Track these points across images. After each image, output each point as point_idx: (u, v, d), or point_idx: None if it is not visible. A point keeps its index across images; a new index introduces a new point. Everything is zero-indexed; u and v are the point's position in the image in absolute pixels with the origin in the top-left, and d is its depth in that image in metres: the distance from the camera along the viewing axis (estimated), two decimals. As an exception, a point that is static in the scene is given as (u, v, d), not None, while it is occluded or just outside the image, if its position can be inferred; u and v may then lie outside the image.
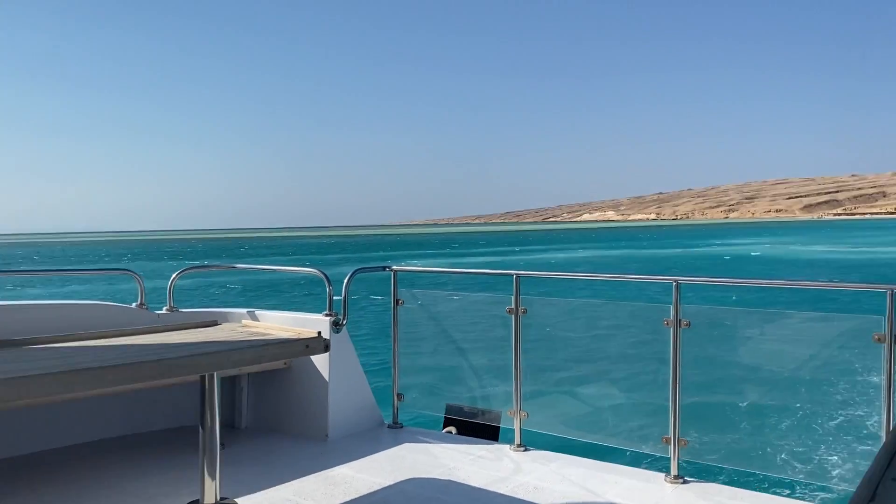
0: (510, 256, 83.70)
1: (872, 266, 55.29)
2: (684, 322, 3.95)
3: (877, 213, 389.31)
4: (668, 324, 3.96)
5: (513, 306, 4.55)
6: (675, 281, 3.97)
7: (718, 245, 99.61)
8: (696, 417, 4.11)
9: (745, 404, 4.51)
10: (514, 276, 4.57)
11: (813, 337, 4.28)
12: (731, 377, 4.63)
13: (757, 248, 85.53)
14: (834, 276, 47.21)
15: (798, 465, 4.46)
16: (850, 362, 4.02)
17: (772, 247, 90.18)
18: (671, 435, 3.97)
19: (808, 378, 4.35)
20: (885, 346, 3.46)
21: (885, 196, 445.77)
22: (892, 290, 3.52)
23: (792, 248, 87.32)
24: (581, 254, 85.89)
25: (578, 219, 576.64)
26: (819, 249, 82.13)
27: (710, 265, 62.58)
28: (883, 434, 3.54)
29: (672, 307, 3.94)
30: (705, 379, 4.31)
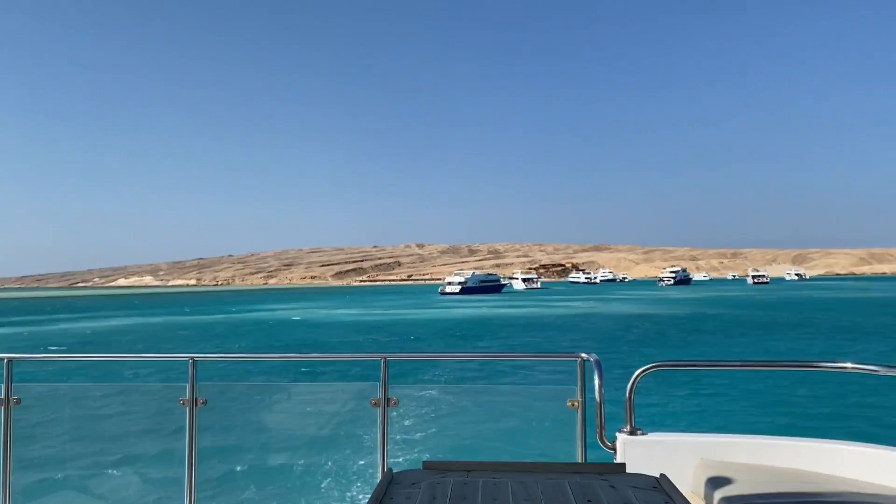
0: (33, 327, 72.68)
1: (384, 326, 63.25)
2: (201, 400, 3.89)
3: (394, 280, 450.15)
4: (184, 403, 3.86)
5: (2, 396, 3.91)
6: (192, 358, 3.91)
7: (261, 310, 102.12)
8: (216, 500, 4.10)
9: (267, 484, 4.73)
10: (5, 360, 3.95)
11: (322, 402, 4.66)
12: (253, 454, 4.76)
13: (297, 313, 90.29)
14: (355, 336, 53.04)
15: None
16: (356, 422, 4.48)
17: (309, 311, 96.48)
18: None
19: (322, 439, 4.75)
20: (380, 409, 3.98)
21: (400, 265, 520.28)
22: (386, 358, 4.05)
23: (325, 311, 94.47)
24: (115, 322, 79.23)
25: (112, 284, 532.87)
26: (344, 312, 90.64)
27: (257, 329, 63.79)
28: (379, 474, 3.97)
29: (188, 385, 3.86)
30: (224, 459, 4.36)
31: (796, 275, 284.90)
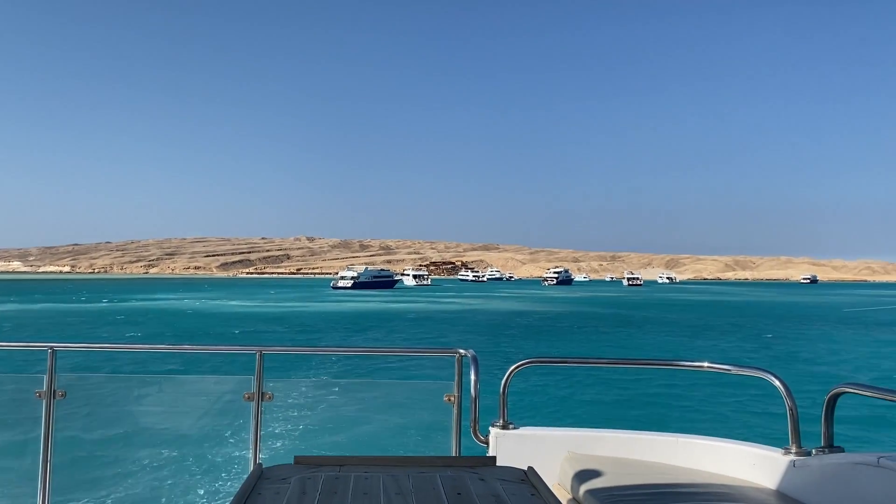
0: None
1: (281, 318, 62.46)
2: (60, 393, 3.66)
3: (282, 273, 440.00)
4: (40, 395, 3.61)
5: None
6: (51, 348, 3.67)
7: (149, 300, 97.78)
8: (73, 498, 3.88)
9: (132, 479, 4.52)
10: None
11: (194, 396, 4.50)
12: (117, 450, 4.53)
13: (185, 304, 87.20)
14: (253, 328, 51.99)
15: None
16: (228, 416, 4.35)
17: (198, 302, 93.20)
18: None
19: (192, 433, 4.59)
20: (254, 403, 3.89)
21: (289, 258, 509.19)
22: (261, 351, 3.96)
23: (215, 302, 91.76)
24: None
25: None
26: (235, 304, 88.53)
27: (151, 319, 61.24)
28: (251, 469, 3.88)
29: (46, 376, 3.62)
30: (85, 455, 4.12)
31: (668, 278, 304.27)
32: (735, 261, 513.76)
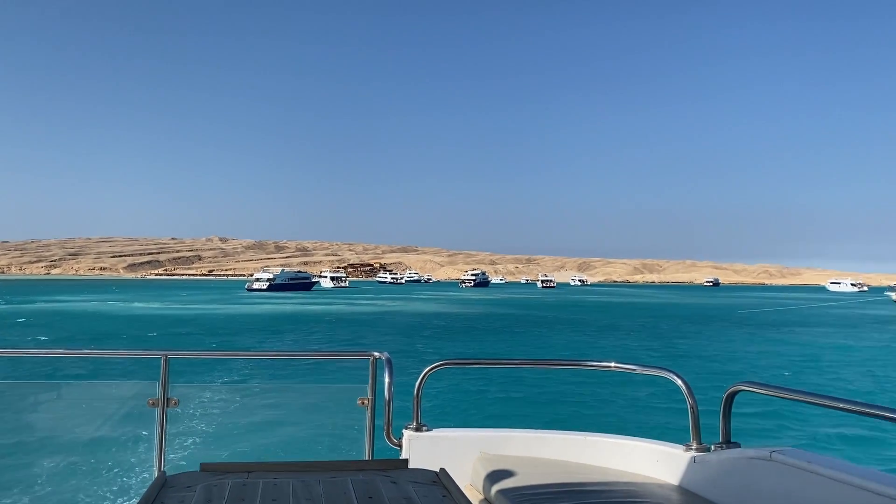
0: None
1: (194, 321, 61.06)
2: None
3: (194, 274, 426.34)
4: None
5: None
6: None
7: (48, 302, 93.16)
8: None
9: (27, 492, 4.26)
10: None
11: (95, 402, 4.30)
12: (9, 460, 4.27)
13: (90, 306, 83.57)
14: (165, 330, 50.30)
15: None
16: (132, 423, 4.18)
17: (104, 304, 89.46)
18: None
19: (94, 441, 4.38)
20: (159, 409, 3.75)
21: (200, 259, 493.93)
22: (167, 356, 3.82)
23: (122, 304, 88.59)
24: None
25: None
26: (143, 306, 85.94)
27: (57, 321, 58.42)
28: (156, 470, 3.78)
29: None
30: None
31: (579, 280, 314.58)
32: (643, 264, 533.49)
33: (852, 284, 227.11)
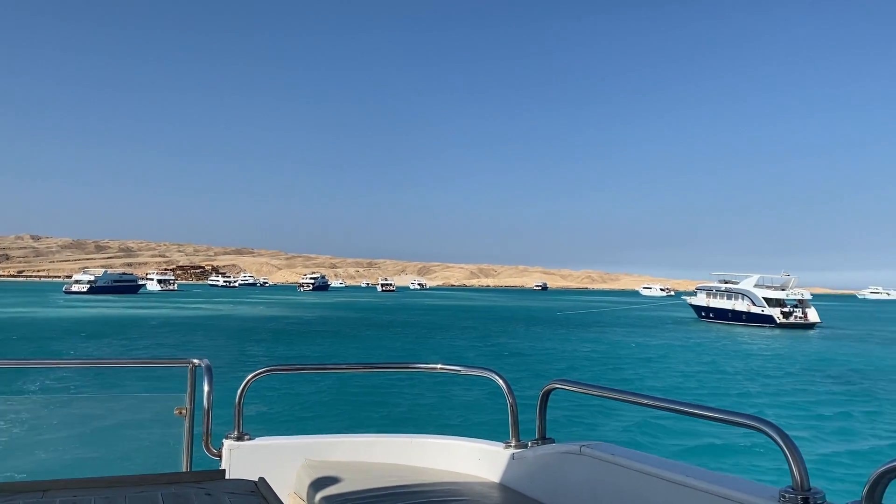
0: None
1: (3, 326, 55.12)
2: None
3: (1, 276, 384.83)
4: None
5: None
6: None
7: None
8: None
9: None
10: None
11: None
12: None
13: None
14: None
15: None
16: None
17: None
18: None
19: None
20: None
21: (8, 259, 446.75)
22: None
23: None
24: None
25: None
26: None
27: None
28: None
29: None
30: None
31: (419, 284, 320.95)
32: (479, 269, 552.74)
33: (661, 289, 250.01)
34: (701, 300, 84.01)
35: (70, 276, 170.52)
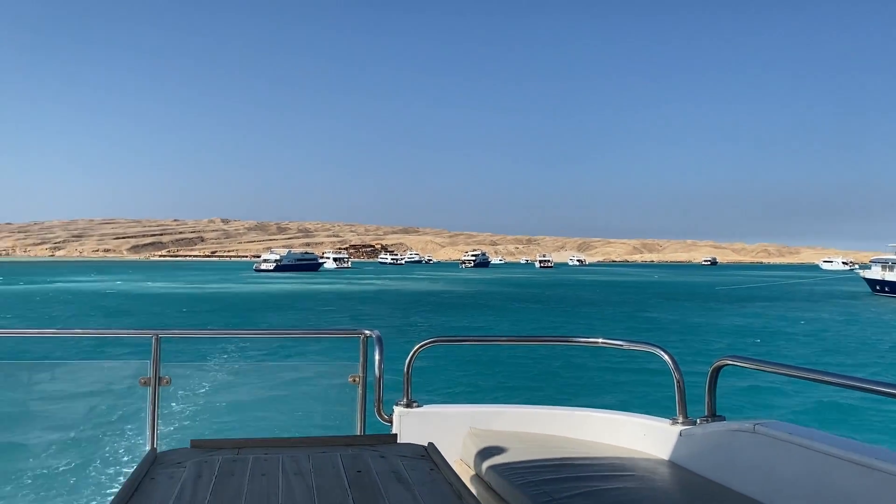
0: None
1: (208, 299, 63.43)
2: None
3: (197, 256, 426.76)
4: None
5: None
6: None
7: (65, 282, 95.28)
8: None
9: (23, 470, 4.35)
10: None
11: (88, 382, 4.34)
12: (7, 440, 4.33)
13: (104, 286, 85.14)
14: (187, 308, 51.64)
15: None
16: (124, 402, 4.23)
17: (120, 283, 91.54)
18: None
19: (87, 420, 4.44)
20: (150, 388, 3.80)
21: (203, 241, 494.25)
22: (158, 335, 3.86)
23: (136, 284, 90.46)
24: None
25: None
26: (160, 286, 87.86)
27: (75, 300, 60.19)
28: (148, 447, 3.84)
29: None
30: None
31: (577, 260, 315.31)
32: (643, 244, 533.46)
33: (843, 263, 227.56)
34: (875, 273, 76.42)
35: (257, 256, 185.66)
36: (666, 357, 3.76)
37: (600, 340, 4.28)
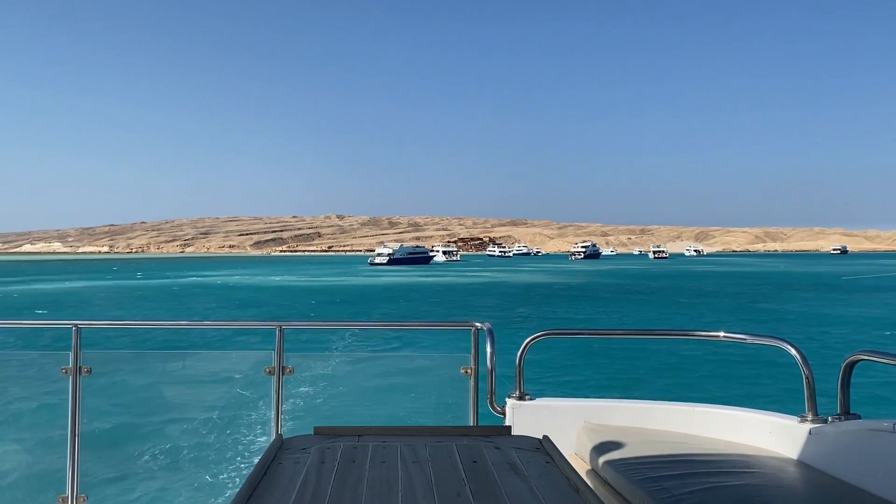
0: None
1: (327, 290, 66.97)
2: (85, 369, 3.77)
3: (314, 251, 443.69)
4: (66, 372, 3.73)
5: None
6: (76, 325, 3.78)
7: (204, 276, 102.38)
8: (102, 470, 4.00)
9: (157, 450, 4.70)
10: None
11: (217, 370, 4.60)
12: (142, 423, 4.69)
13: (228, 280, 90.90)
14: (312, 299, 54.61)
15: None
16: (251, 390, 4.47)
17: (246, 277, 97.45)
18: (69, 494, 3.77)
19: (215, 406, 4.74)
20: (275, 377, 3.98)
21: (320, 236, 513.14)
22: (281, 326, 4.04)
23: (261, 278, 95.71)
24: (69, 285, 77.84)
25: (18, 249, 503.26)
26: (285, 279, 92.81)
27: (210, 293, 64.82)
28: (274, 433, 4.00)
29: (71, 353, 3.73)
30: (111, 428, 4.26)
31: (695, 251, 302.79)
32: (765, 232, 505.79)
33: None
34: None
35: (371, 250, 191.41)
36: (793, 351, 3.55)
37: (721, 334, 4.08)
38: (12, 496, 4.25)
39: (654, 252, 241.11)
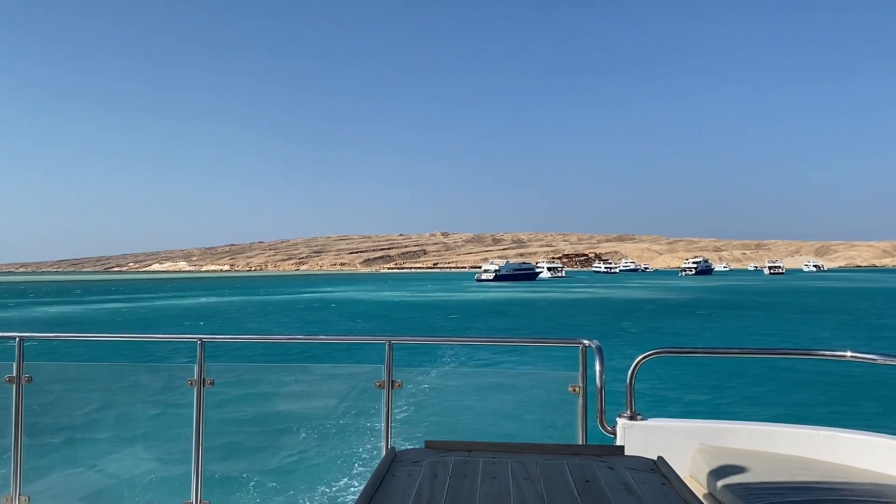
0: (129, 304, 76.91)
1: (434, 306, 68.97)
2: (209, 381, 4.01)
3: (420, 268, 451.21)
4: (191, 383, 3.98)
5: (13, 374, 4.04)
6: (200, 339, 4.02)
7: (319, 292, 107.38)
8: (223, 477, 4.22)
9: (274, 460, 4.92)
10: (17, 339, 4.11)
11: (329, 383, 4.76)
12: (260, 433, 4.91)
13: (343, 295, 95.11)
14: (415, 313, 55.65)
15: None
16: (362, 403, 4.59)
17: (359, 293, 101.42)
18: (193, 500, 3.99)
19: (328, 419, 4.90)
20: (385, 391, 4.08)
21: (426, 253, 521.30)
22: (390, 341, 4.14)
23: (373, 294, 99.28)
24: (205, 300, 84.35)
25: (147, 268, 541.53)
26: (392, 294, 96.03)
27: (326, 308, 68.15)
28: (383, 454, 4.08)
29: (196, 365, 3.98)
30: (231, 438, 4.49)
31: (814, 266, 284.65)
32: (894, 246, 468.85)
33: None
34: None
35: (476, 267, 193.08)
36: None
37: (849, 354, 3.82)
38: (143, 500, 4.53)
39: (770, 268, 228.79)
